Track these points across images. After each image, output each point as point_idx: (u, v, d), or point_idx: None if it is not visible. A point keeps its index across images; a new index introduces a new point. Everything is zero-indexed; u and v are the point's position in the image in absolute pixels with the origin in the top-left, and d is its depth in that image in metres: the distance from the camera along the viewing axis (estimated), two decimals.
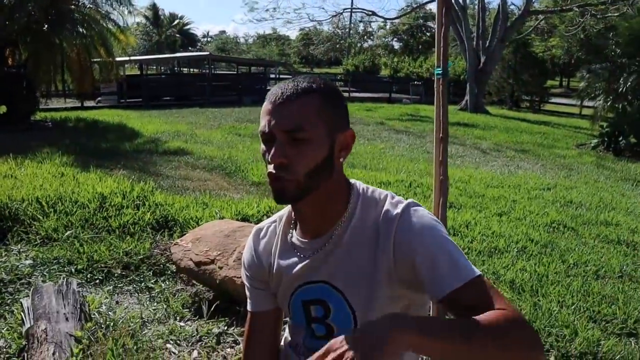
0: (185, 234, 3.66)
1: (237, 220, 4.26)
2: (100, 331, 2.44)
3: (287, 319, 1.38)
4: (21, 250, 3.79)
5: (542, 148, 11.94)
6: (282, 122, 1.05)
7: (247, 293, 1.37)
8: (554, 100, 27.48)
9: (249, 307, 1.36)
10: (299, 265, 1.21)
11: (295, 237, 1.24)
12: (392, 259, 1.09)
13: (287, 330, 1.42)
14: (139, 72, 24.22)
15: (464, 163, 9.40)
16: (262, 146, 1.11)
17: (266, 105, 1.08)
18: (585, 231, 5.14)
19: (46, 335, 2.29)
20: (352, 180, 1.21)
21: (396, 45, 38.91)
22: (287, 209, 1.30)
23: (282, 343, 1.42)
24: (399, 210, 1.11)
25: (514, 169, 9.16)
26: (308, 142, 1.05)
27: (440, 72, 1.85)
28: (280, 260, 1.26)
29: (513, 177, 8.17)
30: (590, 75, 13.16)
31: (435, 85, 1.88)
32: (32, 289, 2.75)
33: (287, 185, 1.07)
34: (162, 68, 36.45)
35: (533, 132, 14.79)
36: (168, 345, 2.64)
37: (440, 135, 1.87)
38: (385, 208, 1.13)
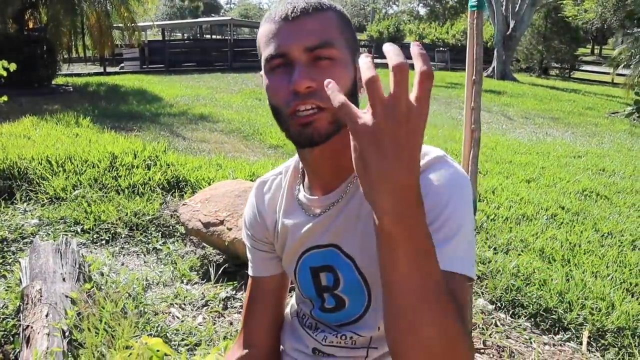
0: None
1: (251, 181, 4.08)
2: (99, 293, 2.28)
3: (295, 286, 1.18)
4: (27, 209, 3.67)
5: (572, 116, 11.47)
6: (303, 38, 0.84)
7: (249, 255, 1.16)
8: (584, 68, 26.52)
9: (250, 272, 1.16)
10: (306, 227, 1.00)
11: (303, 193, 1.03)
12: None
13: (293, 297, 1.22)
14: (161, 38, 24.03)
15: (490, 130, 9.05)
16: (266, 80, 0.89)
17: (271, 26, 0.86)
18: (620, 200, 4.84)
19: (40, 296, 2.14)
20: None
21: (422, 11, 37.83)
22: (294, 159, 1.08)
23: (287, 311, 1.22)
24: (427, 158, 0.88)
25: (543, 136, 8.79)
26: (335, 61, 0.85)
27: (475, 3, 1.60)
28: (286, 219, 1.05)
29: (541, 144, 7.82)
30: (626, 40, 12.52)
31: (469, 20, 1.63)
32: (30, 247, 2.62)
33: (320, 118, 0.84)
34: (185, 35, 36.18)
35: (563, 99, 14.24)
36: (172, 310, 2.49)
37: (473, 77, 1.63)
38: None
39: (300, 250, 1.04)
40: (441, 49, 26.84)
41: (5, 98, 4.58)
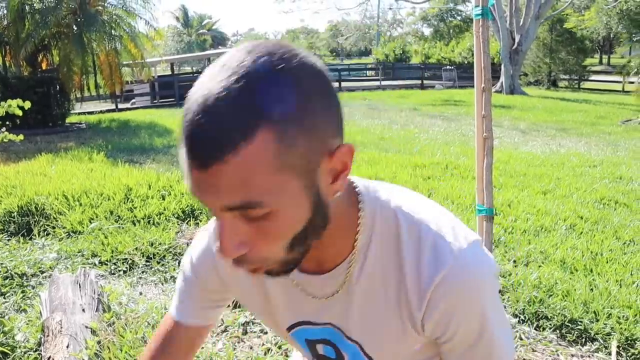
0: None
1: None
2: (119, 322, 2.28)
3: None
4: (45, 244, 3.71)
5: (585, 126, 11.40)
6: (220, 197, 0.60)
7: (179, 296, 1.00)
8: (593, 78, 26.42)
9: (175, 314, 1.00)
10: (299, 303, 0.88)
11: None
12: (420, 324, 0.79)
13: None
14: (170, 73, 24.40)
15: (502, 144, 9.01)
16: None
17: (182, 153, 0.62)
18: None
19: (61, 327, 2.15)
20: (359, 187, 0.80)
21: (426, 31, 38.16)
22: None
23: None
24: (444, 267, 0.74)
25: (556, 147, 8.73)
26: (271, 214, 0.63)
27: (479, 12, 1.61)
28: (268, 287, 0.91)
29: (555, 155, 7.76)
30: (635, 47, 12.50)
31: (474, 29, 1.64)
32: (49, 280, 2.63)
33: (263, 270, 0.71)
34: (194, 68, 36.78)
35: (574, 110, 14.19)
36: None
37: (482, 85, 1.63)
38: (421, 252, 0.76)
39: (289, 323, 0.93)
40: (448, 67, 26.98)
41: (21, 137, 4.66)
